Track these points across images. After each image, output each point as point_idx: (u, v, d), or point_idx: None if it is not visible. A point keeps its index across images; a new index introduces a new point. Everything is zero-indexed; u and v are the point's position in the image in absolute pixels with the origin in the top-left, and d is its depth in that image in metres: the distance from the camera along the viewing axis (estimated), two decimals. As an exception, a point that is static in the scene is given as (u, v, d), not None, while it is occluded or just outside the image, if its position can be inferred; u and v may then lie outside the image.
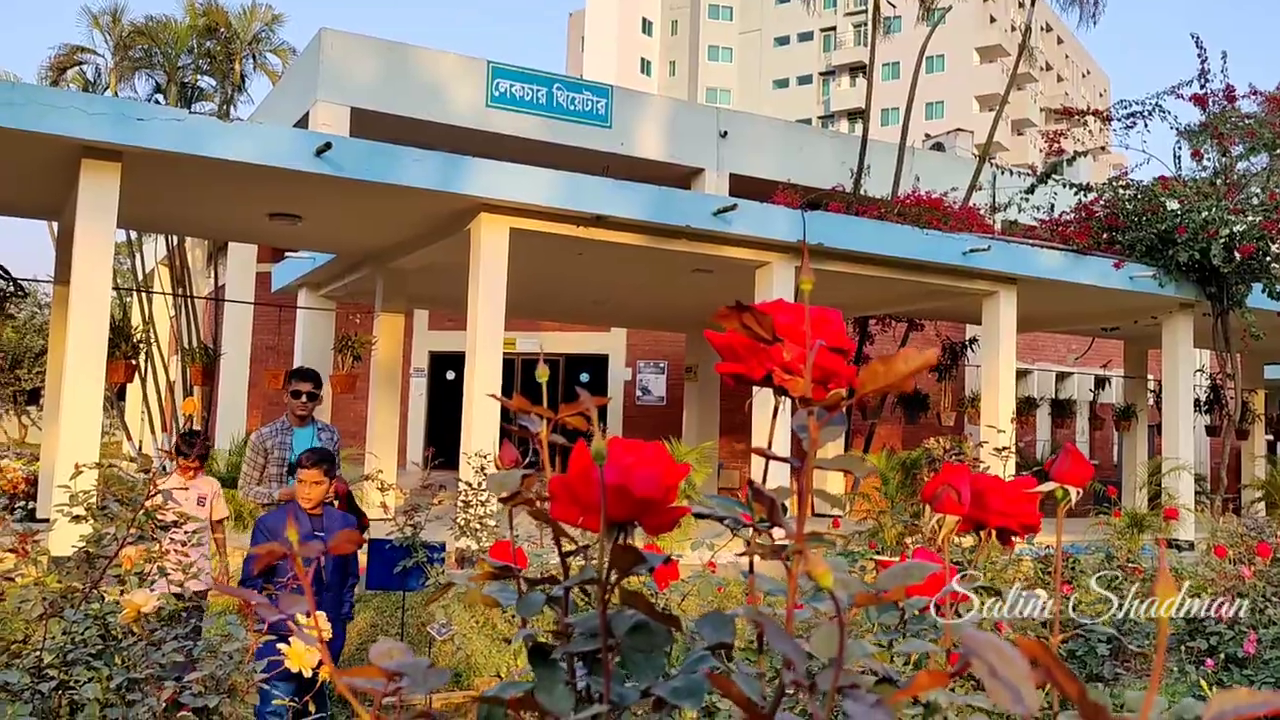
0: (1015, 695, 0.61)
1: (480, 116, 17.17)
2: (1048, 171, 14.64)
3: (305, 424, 6.31)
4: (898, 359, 0.79)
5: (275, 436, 6.25)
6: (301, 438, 6.24)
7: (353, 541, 0.86)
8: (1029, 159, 48.77)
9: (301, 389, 6.30)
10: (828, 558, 0.85)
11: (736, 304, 0.83)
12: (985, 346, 13.18)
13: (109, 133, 7.97)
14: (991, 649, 0.64)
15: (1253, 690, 0.55)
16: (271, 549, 0.83)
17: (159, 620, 4.09)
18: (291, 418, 6.32)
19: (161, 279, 23.07)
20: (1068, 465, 1.12)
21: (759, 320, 0.83)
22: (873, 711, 0.64)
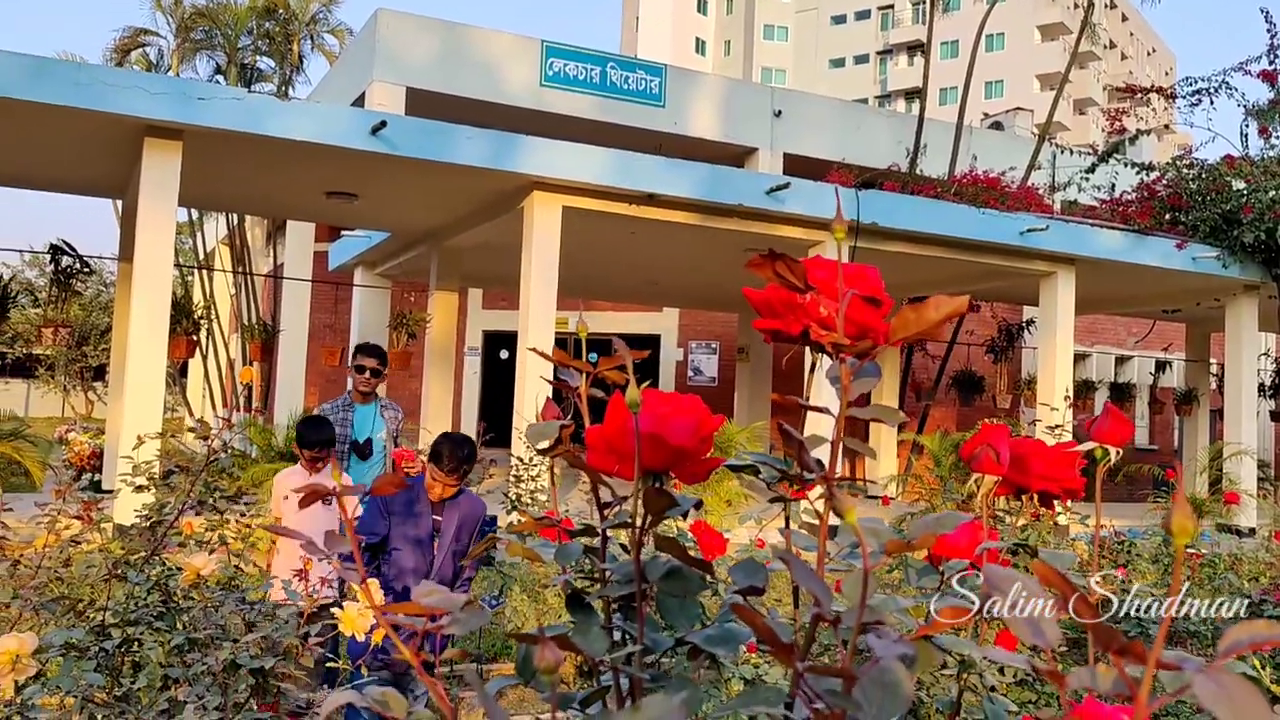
0: (1035, 628, 0.62)
1: (534, 96, 17.22)
2: (1109, 150, 14.36)
3: (368, 401, 6.12)
4: (929, 306, 0.80)
5: (336, 413, 6.02)
6: (363, 415, 6.08)
7: (395, 484, 0.88)
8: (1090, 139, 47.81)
9: (366, 364, 6.07)
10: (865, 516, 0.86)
11: (770, 252, 0.84)
12: (1042, 328, 13.00)
13: (170, 112, 8.11)
14: (1012, 583, 0.64)
15: (1271, 622, 0.56)
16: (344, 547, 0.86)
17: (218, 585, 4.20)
18: (354, 394, 6.14)
19: (222, 258, 23.46)
20: (1107, 424, 1.12)
21: (791, 268, 0.84)
22: (894, 645, 0.66)
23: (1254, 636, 0.55)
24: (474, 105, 16.52)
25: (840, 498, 0.68)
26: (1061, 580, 0.55)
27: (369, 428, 6.07)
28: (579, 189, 9.89)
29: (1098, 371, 21.32)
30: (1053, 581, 0.55)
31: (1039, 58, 63.66)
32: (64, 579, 4.13)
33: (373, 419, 6.05)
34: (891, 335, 0.81)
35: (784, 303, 1.01)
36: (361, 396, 6.08)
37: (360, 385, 6.07)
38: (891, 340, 0.81)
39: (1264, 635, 0.54)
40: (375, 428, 6.06)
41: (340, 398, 6.19)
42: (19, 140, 8.91)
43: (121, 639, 3.10)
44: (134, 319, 8.31)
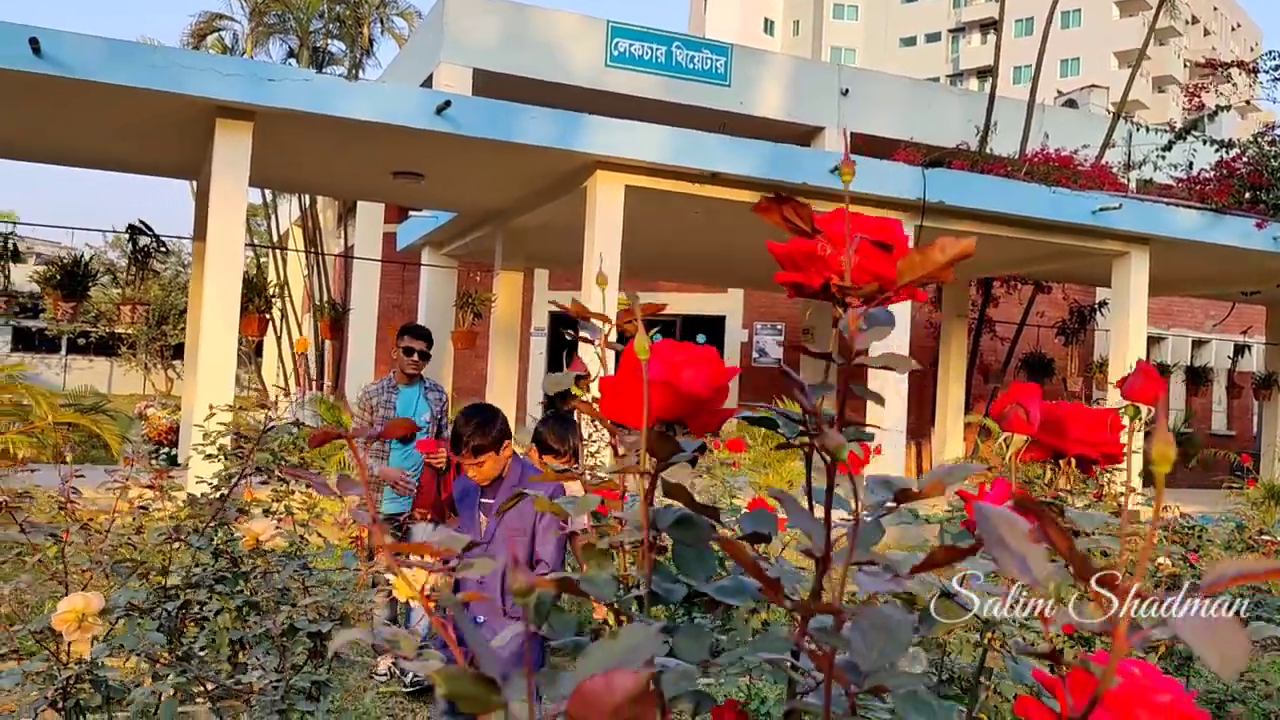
0: (1022, 564, 0.61)
1: (599, 76, 17.22)
2: (1187, 127, 13.95)
3: (412, 382, 6.00)
4: (934, 248, 0.79)
5: (380, 394, 5.94)
6: (407, 397, 5.95)
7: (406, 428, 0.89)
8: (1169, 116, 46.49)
9: (414, 347, 5.95)
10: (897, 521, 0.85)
11: (775, 195, 0.83)
12: (1115, 310, 12.69)
13: (241, 93, 8.27)
14: (1003, 520, 0.63)
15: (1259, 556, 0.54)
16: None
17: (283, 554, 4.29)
18: (399, 375, 6.01)
19: (295, 239, 23.88)
20: (1139, 381, 1.09)
21: (798, 212, 0.83)
22: (883, 582, 0.65)
23: (1241, 569, 0.53)
24: (540, 86, 16.57)
25: (830, 435, 0.68)
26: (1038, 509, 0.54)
27: (413, 410, 5.95)
28: (642, 168, 9.88)
29: (1174, 355, 20.79)
30: (1032, 511, 0.54)
31: (1117, 34, 62.00)
32: (136, 545, 4.26)
33: (416, 401, 5.94)
34: (899, 278, 0.80)
35: (805, 255, 1.00)
36: (406, 378, 5.97)
37: (407, 367, 5.95)
38: (899, 284, 0.80)
39: (1251, 568, 0.53)
40: (419, 410, 5.95)
41: (384, 379, 6.08)
42: (99, 122, 9.15)
43: (182, 601, 3.19)
44: (206, 297, 8.51)
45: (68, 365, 35.87)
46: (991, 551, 0.61)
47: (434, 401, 6.01)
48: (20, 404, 8.17)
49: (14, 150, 10.95)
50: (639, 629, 0.59)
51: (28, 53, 7.45)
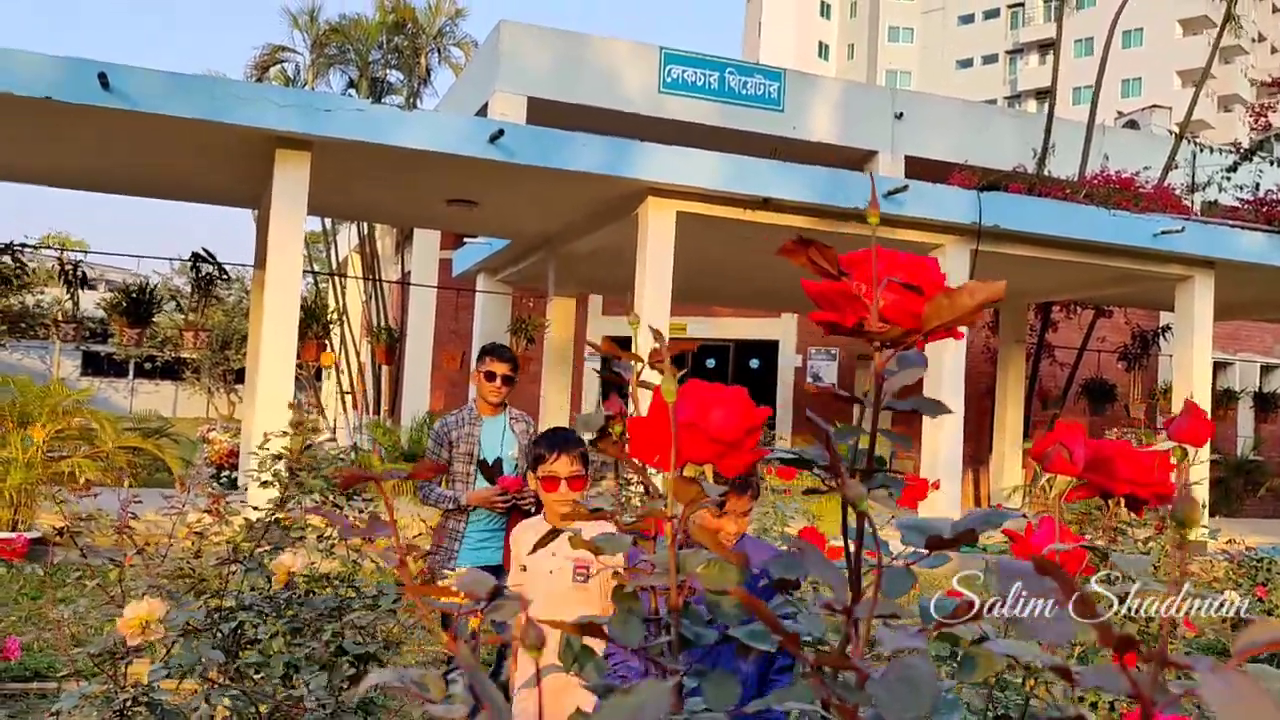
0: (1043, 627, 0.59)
1: (653, 102, 17.31)
2: (1253, 148, 13.68)
3: (496, 412, 5.22)
4: (963, 291, 0.77)
5: (460, 427, 5.17)
6: (491, 429, 5.19)
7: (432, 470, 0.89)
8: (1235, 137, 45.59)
9: (496, 370, 5.17)
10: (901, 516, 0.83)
11: (799, 238, 0.83)
12: (1179, 334, 12.43)
13: (299, 123, 8.43)
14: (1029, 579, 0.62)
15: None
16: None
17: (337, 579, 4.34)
18: (480, 404, 5.23)
19: (354, 266, 24.25)
20: (1186, 423, 1.06)
21: (823, 254, 0.82)
22: (903, 638, 0.64)
23: (1274, 635, 0.51)
24: (593, 113, 16.71)
25: (851, 486, 0.67)
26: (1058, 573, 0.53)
27: (498, 444, 5.19)
28: (693, 194, 9.90)
29: (1241, 380, 20.30)
30: (1051, 574, 0.53)
31: (1180, 53, 61.07)
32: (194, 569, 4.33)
33: (502, 433, 5.21)
34: (926, 321, 0.79)
35: (839, 294, 0.99)
36: (490, 408, 5.22)
37: (489, 395, 5.20)
38: (924, 328, 0.79)
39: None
40: (505, 444, 5.20)
41: (463, 409, 5.34)
42: (163, 153, 9.38)
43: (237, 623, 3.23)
44: (265, 322, 8.66)
45: (134, 389, 36.71)
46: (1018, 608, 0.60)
47: (521, 434, 5.25)
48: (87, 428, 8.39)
49: (85, 181, 11.26)
50: (652, 686, 0.59)
51: (97, 88, 7.68)
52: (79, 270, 10.28)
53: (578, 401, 19.15)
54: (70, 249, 15.82)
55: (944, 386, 10.93)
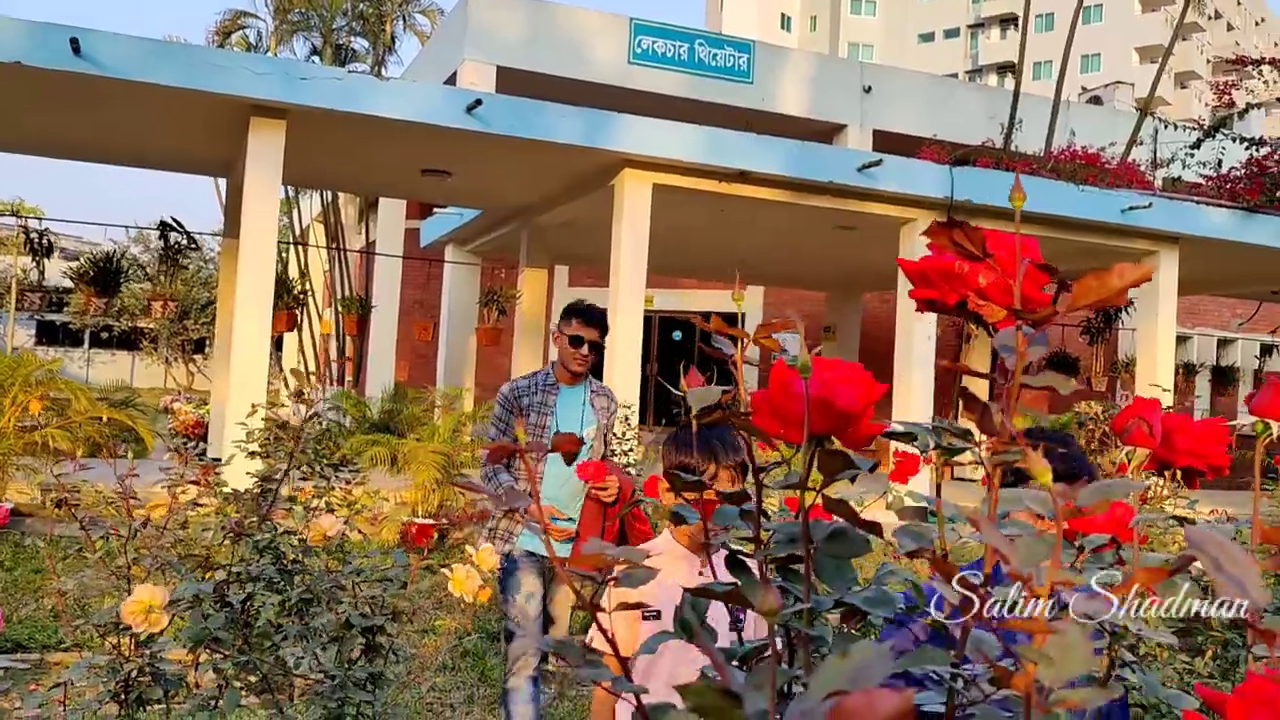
0: (1241, 587, 0.63)
1: (622, 73, 17.23)
2: (1216, 125, 13.88)
3: (576, 382, 4.52)
4: (1112, 273, 0.80)
5: (534, 393, 4.46)
6: (568, 400, 4.49)
7: (571, 444, 0.91)
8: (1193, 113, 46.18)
9: (585, 336, 4.43)
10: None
11: (949, 219, 0.85)
12: (1143, 309, 12.65)
13: (275, 91, 8.33)
14: (1214, 544, 0.65)
15: None
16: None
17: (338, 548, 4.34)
18: (560, 372, 4.50)
19: (316, 235, 23.99)
20: (1269, 397, 1.11)
21: (970, 237, 0.85)
22: (1091, 602, 0.67)
23: None
24: (563, 83, 16.60)
25: (1034, 457, 0.70)
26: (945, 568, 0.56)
27: (576, 420, 4.49)
28: (670, 166, 9.90)
29: (1199, 354, 20.69)
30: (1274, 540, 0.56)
31: (1138, 30, 61.65)
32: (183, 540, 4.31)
33: (581, 407, 4.53)
34: (1074, 301, 0.82)
35: (940, 272, 1.02)
36: (570, 376, 4.49)
37: (573, 364, 4.45)
38: (1073, 307, 0.82)
39: None
40: (584, 420, 4.52)
41: (538, 373, 4.59)
42: (134, 120, 9.23)
43: (245, 595, 3.24)
44: (239, 293, 8.58)
45: (90, 359, 36.14)
46: (1209, 575, 0.63)
47: (602, 410, 4.57)
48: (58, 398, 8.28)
49: (51, 148, 11.05)
50: (869, 646, 0.62)
51: (68, 53, 7.53)
52: (45, 239, 10.09)
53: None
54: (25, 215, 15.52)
55: (914, 360, 11.07)
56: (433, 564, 4.08)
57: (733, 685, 0.59)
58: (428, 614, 5.98)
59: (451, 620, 6.31)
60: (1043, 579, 0.70)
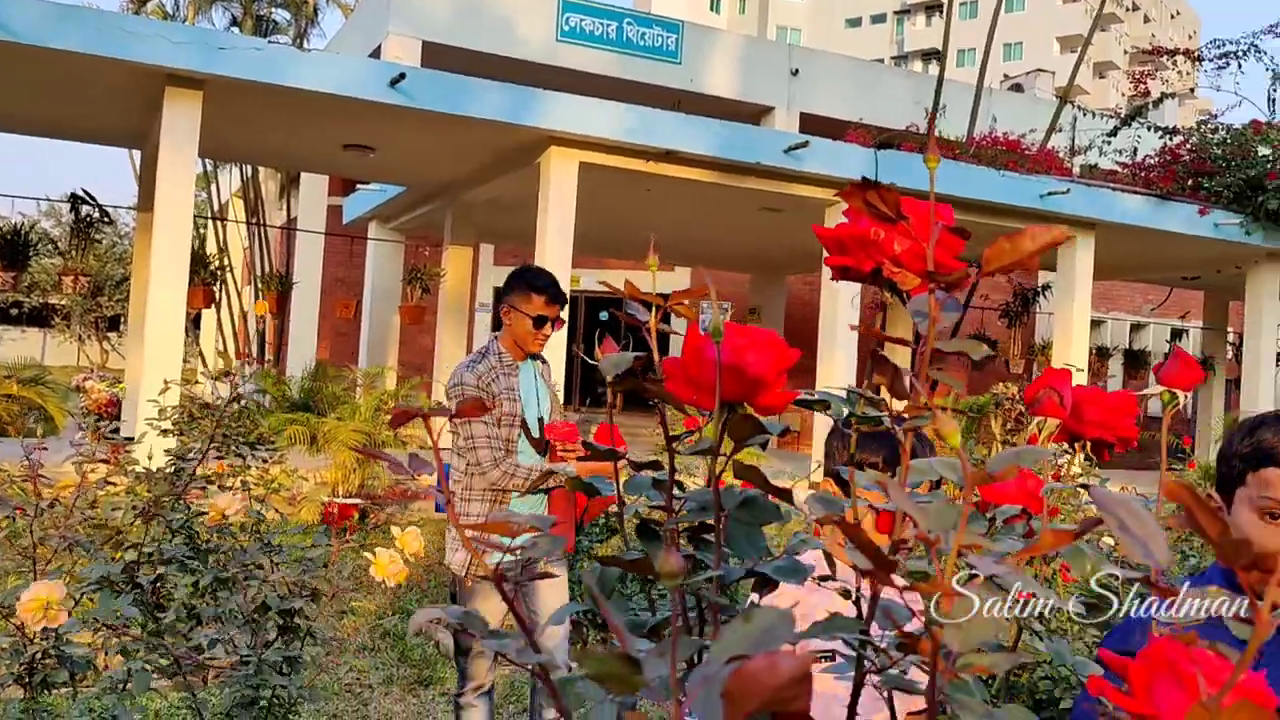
0: (1145, 549, 0.62)
1: (550, 51, 17.08)
2: (1132, 114, 14.21)
3: (523, 358, 4.05)
4: (1025, 236, 0.80)
5: (498, 377, 3.91)
6: (525, 380, 4.02)
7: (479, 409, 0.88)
8: (1111, 103, 47.27)
9: (550, 314, 3.97)
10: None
11: (863, 179, 0.84)
12: (1059, 293, 12.94)
13: (192, 61, 8.09)
14: (1119, 504, 0.65)
15: None
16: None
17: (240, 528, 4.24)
18: (513, 351, 3.99)
19: (236, 210, 23.44)
20: (1176, 367, 1.12)
21: (884, 198, 0.84)
22: (996, 565, 0.66)
23: None
24: (490, 60, 16.39)
25: (944, 419, 0.69)
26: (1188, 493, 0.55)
27: (534, 400, 4.02)
28: (597, 145, 9.85)
29: (1112, 338, 21.25)
30: (1179, 495, 0.56)
31: (1059, 19, 62.90)
32: (92, 520, 4.18)
33: (533, 382, 4.07)
34: (986, 265, 0.81)
35: (856, 239, 1.01)
36: (520, 354, 4.02)
37: (534, 344, 3.98)
38: (985, 270, 0.82)
39: None
40: (541, 398, 4.07)
41: (487, 354, 4.01)
42: (43, 88, 8.90)
43: (155, 576, 3.14)
44: (154, 268, 8.34)
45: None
46: (1115, 535, 0.63)
47: (548, 377, 4.20)
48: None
49: (-51, 115, 10.62)
50: (771, 611, 0.60)
51: (-32, 14, 7.22)
52: (-53, 209, 9.69)
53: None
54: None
55: (837, 338, 11.19)
56: (352, 545, 4.00)
57: (633, 652, 0.58)
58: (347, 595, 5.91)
59: (370, 602, 6.24)
60: (950, 543, 0.69)
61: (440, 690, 5.16)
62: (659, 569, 0.59)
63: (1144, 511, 0.62)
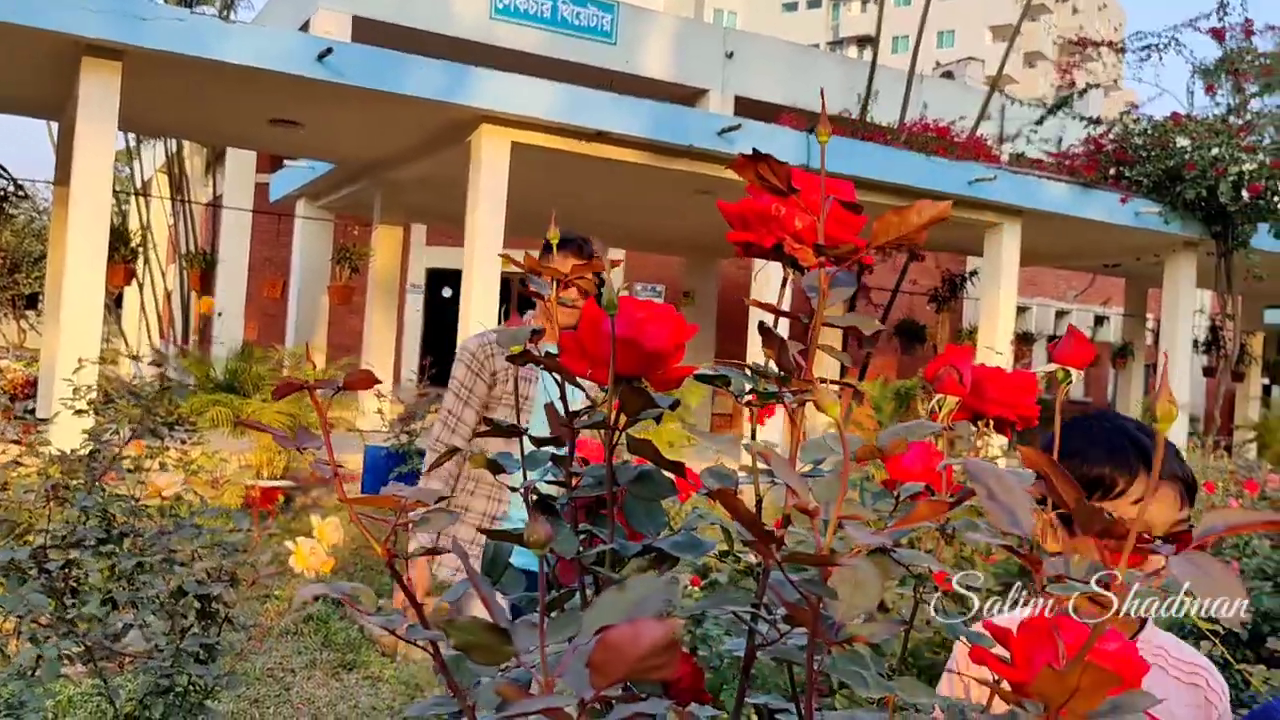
0: (1012, 517, 0.63)
1: (483, 28, 16.90)
2: (1058, 103, 14.48)
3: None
4: (911, 210, 0.80)
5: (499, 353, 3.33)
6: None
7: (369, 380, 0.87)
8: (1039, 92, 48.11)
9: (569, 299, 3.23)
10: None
11: (754, 151, 0.84)
12: (986, 279, 13.16)
13: (110, 30, 7.85)
14: (988, 473, 0.66)
15: (1245, 509, 0.57)
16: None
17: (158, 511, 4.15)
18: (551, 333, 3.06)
19: (160, 186, 22.85)
20: (1070, 346, 1.14)
21: (775, 170, 0.84)
22: (869, 535, 0.67)
23: (1229, 521, 0.56)
24: (422, 36, 16.16)
25: (823, 392, 0.69)
26: (1046, 461, 0.56)
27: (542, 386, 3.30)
28: (528, 124, 9.77)
29: (1037, 324, 21.69)
30: (1038, 463, 0.57)
31: (992, 8, 63.81)
32: (2, 502, 4.07)
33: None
34: (874, 239, 0.81)
35: (758, 215, 1.01)
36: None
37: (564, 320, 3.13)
38: (873, 244, 0.82)
39: (1239, 519, 0.56)
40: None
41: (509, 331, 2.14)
42: (-53, 55, 8.58)
43: (64, 561, 3.06)
44: (71, 244, 8.10)
45: (-92, 314, 33.76)
46: (981, 504, 0.64)
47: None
48: None
49: None
50: (649, 580, 0.60)
51: None
52: None
53: (402, 334, 18.79)
54: None
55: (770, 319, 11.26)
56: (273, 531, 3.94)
57: (501, 622, 0.57)
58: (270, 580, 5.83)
59: (293, 588, 6.15)
60: (830, 513, 0.70)
61: (364, 674, 5.12)
62: (526, 538, 0.58)
63: (1012, 481, 0.63)
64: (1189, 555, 0.54)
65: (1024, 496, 0.63)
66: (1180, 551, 0.53)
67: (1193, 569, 0.53)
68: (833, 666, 0.83)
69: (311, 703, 4.74)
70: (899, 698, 0.85)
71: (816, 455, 0.98)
